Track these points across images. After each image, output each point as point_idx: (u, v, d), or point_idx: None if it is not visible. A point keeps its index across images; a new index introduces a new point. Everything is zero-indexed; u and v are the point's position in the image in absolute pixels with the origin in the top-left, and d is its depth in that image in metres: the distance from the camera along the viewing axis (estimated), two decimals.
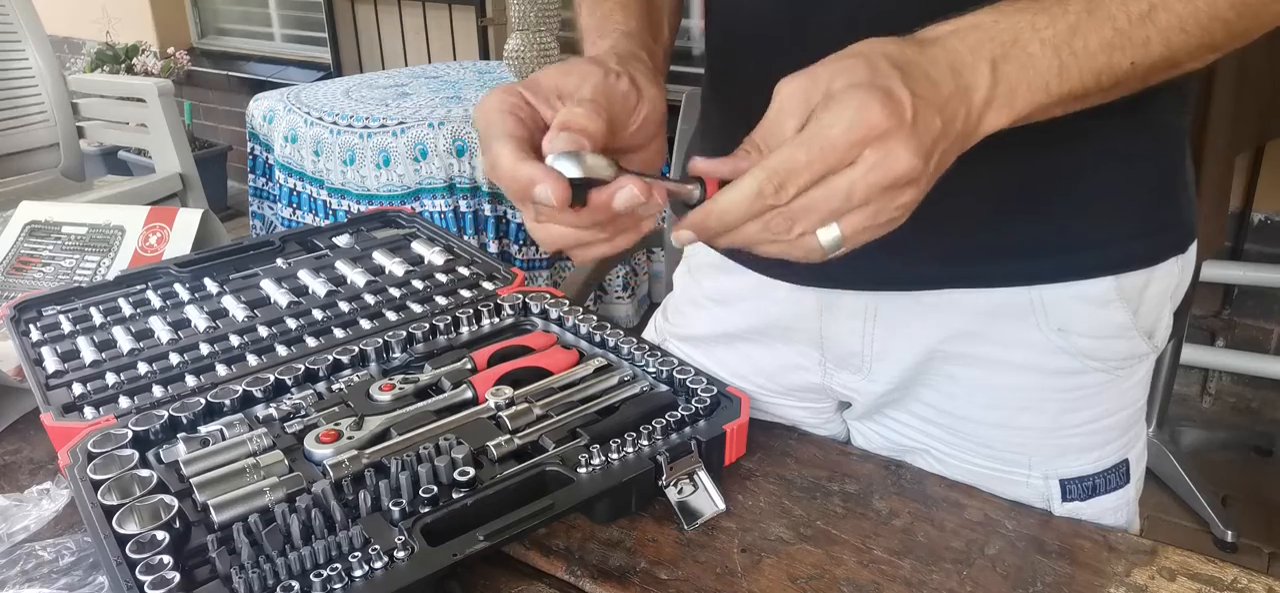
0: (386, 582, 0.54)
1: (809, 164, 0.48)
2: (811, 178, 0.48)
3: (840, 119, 0.47)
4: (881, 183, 0.48)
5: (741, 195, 0.50)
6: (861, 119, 0.47)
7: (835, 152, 0.48)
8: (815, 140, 0.48)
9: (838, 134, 0.48)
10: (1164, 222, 0.72)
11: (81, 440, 0.67)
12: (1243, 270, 2.48)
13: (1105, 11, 0.52)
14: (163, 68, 4.43)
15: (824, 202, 0.49)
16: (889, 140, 0.47)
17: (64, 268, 1.10)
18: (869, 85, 0.48)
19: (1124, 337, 0.72)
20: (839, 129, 0.47)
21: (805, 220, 0.50)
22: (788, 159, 0.48)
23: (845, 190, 0.48)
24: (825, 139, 0.48)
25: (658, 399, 0.73)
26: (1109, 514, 0.76)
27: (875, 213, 0.50)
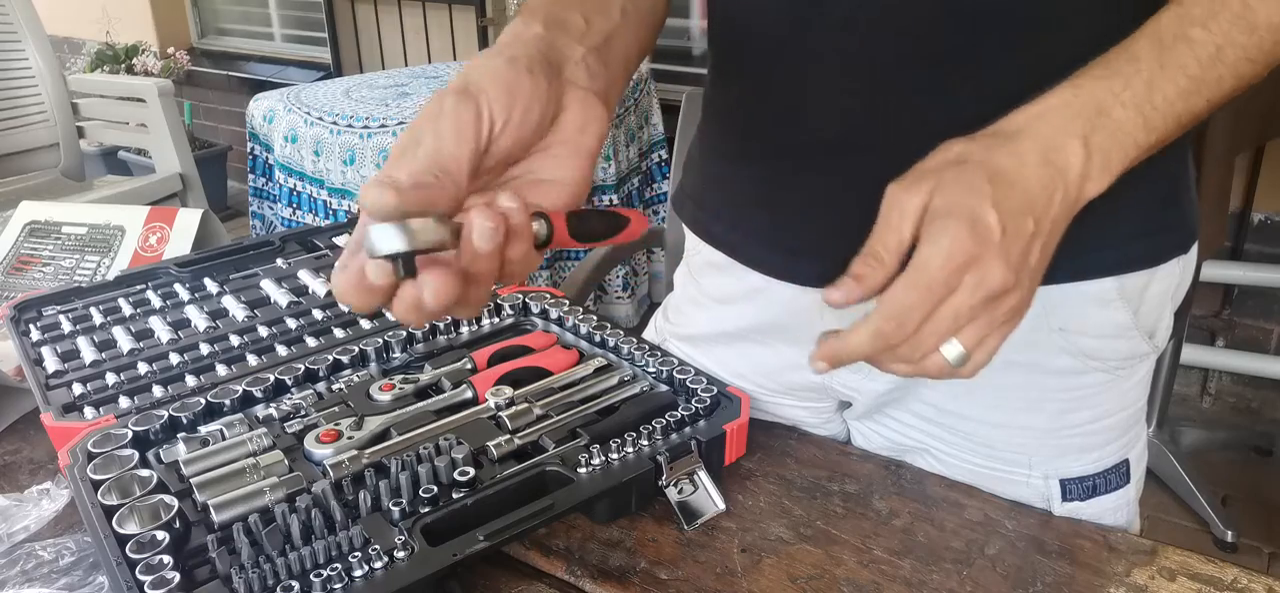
0: (386, 582, 0.54)
1: (919, 303, 0.52)
2: (924, 314, 0.53)
3: (937, 254, 0.52)
4: (982, 300, 0.52)
5: (866, 338, 0.54)
6: (956, 250, 0.51)
7: (939, 285, 0.52)
8: (920, 280, 0.52)
9: (936, 269, 0.52)
10: (1167, 223, 0.72)
11: (81, 441, 0.66)
12: (1243, 270, 2.48)
13: (1176, 62, 0.55)
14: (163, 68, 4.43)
15: (938, 327, 0.53)
16: (982, 263, 0.51)
17: (64, 268, 1.10)
18: (959, 215, 0.52)
19: (1125, 337, 0.72)
20: (938, 262, 0.52)
21: (926, 345, 0.54)
22: (899, 303, 0.53)
23: (953, 314, 0.52)
24: (928, 276, 0.52)
25: (658, 399, 0.73)
26: (1109, 514, 0.76)
27: (987, 323, 0.53)
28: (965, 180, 0.53)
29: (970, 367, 0.55)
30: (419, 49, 4.05)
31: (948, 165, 0.54)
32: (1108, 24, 0.62)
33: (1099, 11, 0.62)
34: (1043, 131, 0.54)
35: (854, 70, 0.67)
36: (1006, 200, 0.52)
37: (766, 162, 0.76)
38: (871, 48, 0.66)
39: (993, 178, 0.52)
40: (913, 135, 0.67)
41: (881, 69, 0.66)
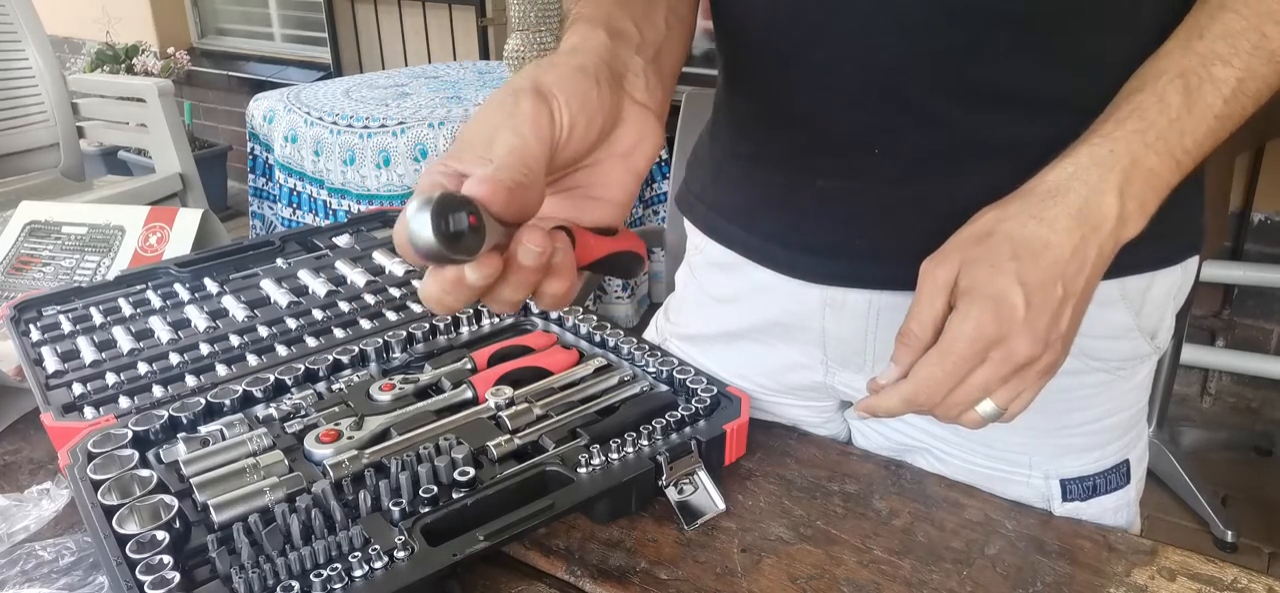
0: (386, 582, 0.54)
1: (945, 378, 0.56)
2: (951, 386, 0.56)
3: (963, 333, 0.55)
4: (1008, 372, 0.55)
5: (897, 403, 0.58)
6: (980, 332, 0.54)
7: (965, 360, 0.55)
8: (946, 358, 0.55)
9: (963, 348, 0.55)
10: (1175, 227, 0.72)
11: (81, 441, 0.66)
12: (1243, 270, 2.48)
13: (1204, 103, 0.56)
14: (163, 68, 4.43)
15: (966, 396, 0.56)
16: (1007, 341, 0.54)
17: (64, 268, 1.10)
18: (984, 296, 0.54)
19: (1126, 337, 0.72)
20: (963, 343, 0.55)
21: (956, 410, 0.57)
22: (927, 377, 0.56)
23: (981, 384, 0.56)
24: (955, 353, 0.55)
25: (658, 399, 0.73)
26: (1109, 515, 0.76)
27: (1017, 385, 0.56)
28: (991, 257, 0.55)
29: (1007, 416, 0.58)
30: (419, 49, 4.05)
31: (976, 240, 0.57)
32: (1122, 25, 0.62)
33: (1112, 13, 0.62)
34: (1078, 191, 0.56)
35: (867, 75, 0.67)
36: (1032, 273, 0.54)
37: (781, 164, 0.76)
38: (884, 53, 0.66)
39: (1018, 252, 0.55)
40: (926, 137, 0.67)
41: (894, 73, 0.66)
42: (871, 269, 0.73)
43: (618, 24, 0.58)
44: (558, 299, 0.49)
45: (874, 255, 0.73)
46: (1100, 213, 0.55)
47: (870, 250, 0.73)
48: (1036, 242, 0.55)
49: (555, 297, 0.49)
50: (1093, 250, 0.55)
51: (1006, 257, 0.55)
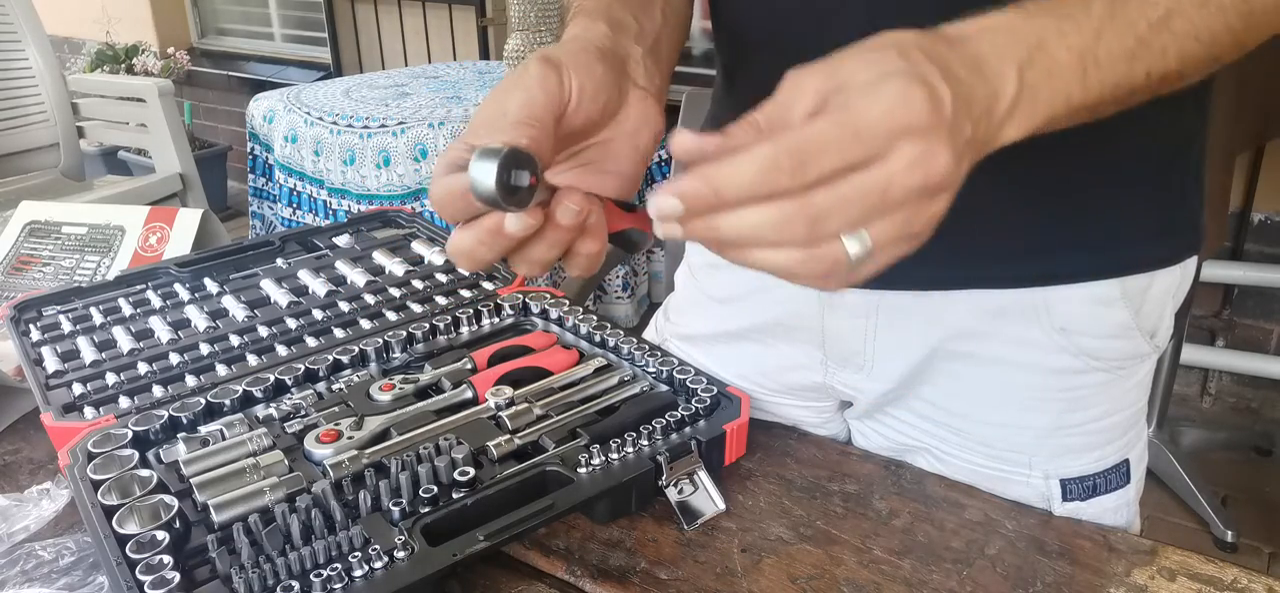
0: (386, 582, 0.54)
1: (838, 144, 0.41)
2: (839, 165, 0.41)
3: (878, 102, 0.42)
4: (920, 184, 0.43)
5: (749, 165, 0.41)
6: (904, 106, 0.42)
7: (872, 137, 0.41)
8: (849, 121, 0.41)
9: (876, 117, 0.41)
10: (1174, 225, 0.72)
11: (81, 441, 0.66)
12: (1243, 270, 2.48)
13: (1126, 17, 0.49)
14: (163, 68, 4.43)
15: (856, 199, 0.42)
16: (929, 136, 0.42)
17: (64, 268, 1.10)
18: (909, 74, 0.43)
19: (1126, 336, 0.72)
20: (877, 112, 0.41)
21: (832, 220, 0.42)
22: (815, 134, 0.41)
23: (882, 186, 0.42)
24: (861, 120, 0.41)
25: (658, 399, 0.73)
26: (1109, 515, 0.76)
27: (907, 221, 0.44)
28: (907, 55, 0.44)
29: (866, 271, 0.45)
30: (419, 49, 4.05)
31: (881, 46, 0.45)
32: None
33: None
34: (983, 49, 0.47)
35: None
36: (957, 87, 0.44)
37: None
38: None
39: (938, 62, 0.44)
40: None
41: None
42: None
43: (617, 15, 0.61)
44: (590, 261, 0.52)
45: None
46: (1001, 84, 0.46)
47: None
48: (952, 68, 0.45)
49: (588, 257, 0.52)
50: (984, 120, 0.46)
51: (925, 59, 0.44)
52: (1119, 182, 0.68)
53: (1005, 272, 0.70)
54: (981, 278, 0.71)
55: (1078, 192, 0.68)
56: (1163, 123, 0.68)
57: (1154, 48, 0.50)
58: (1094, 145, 0.66)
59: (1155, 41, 0.50)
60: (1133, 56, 0.50)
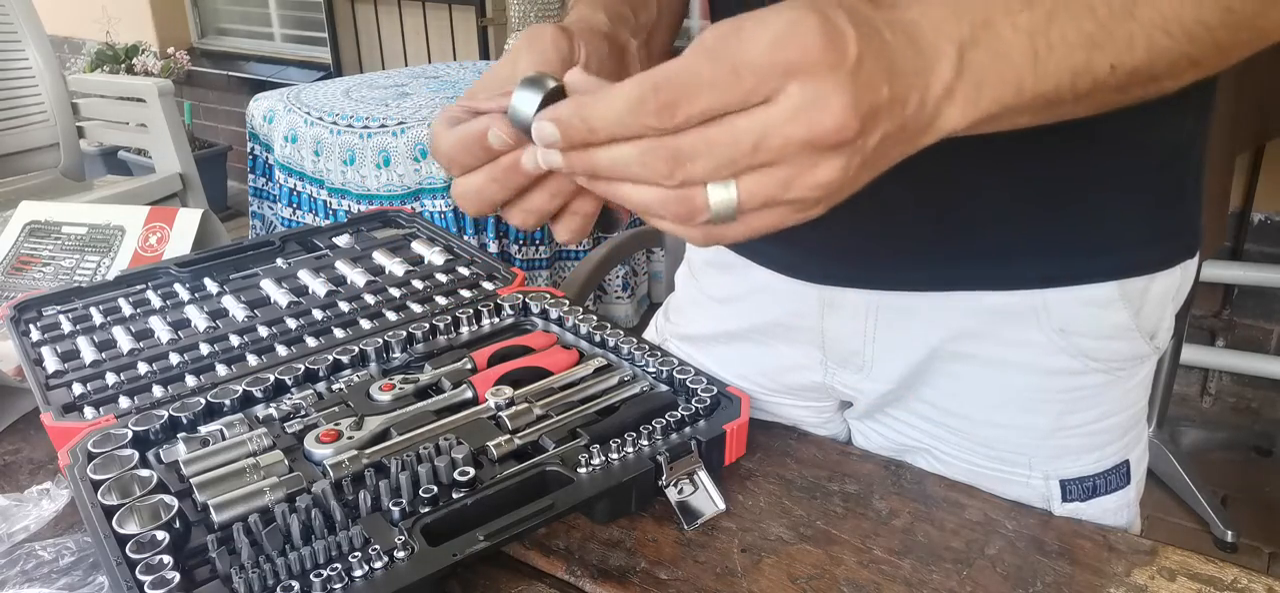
0: (386, 582, 0.54)
1: (712, 83, 0.38)
2: (713, 105, 0.38)
3: (762, 35, 0.37)
4: (803, 136, 0.38)
5: (619, 99, 0.39)
6: (791, 39, 0.37)
7: (751, 73, 0.38)
8: (726, 55, 0.38)
9: (757, 53, 0.37)
10: (1173, 228, 0.72)
11: (81, 441, 0.66)
12: (1243, 270, 2.48)
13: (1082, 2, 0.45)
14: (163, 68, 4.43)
15: (725, 143, 0.39)
16: (822, 78, 0.37)
17: (64, 268, 1.10)
18: (807, 6, 0.38)
19: (1125, 337, 0.72)
20: (759, 46, 0.37)
21: (695, 164, 0.39)
22: (685, 70, 0.38)
23: (756, 132, 0.38)
24: (740, 55, 0.38)
25: (658, 399, 0.73)
26: (1109, 515, 0.76)
27: (786, 182, 0.39)
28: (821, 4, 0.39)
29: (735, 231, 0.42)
30: (419, 49, 4.05)
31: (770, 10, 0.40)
32: None
33: None
34: (917, 19, 0.42)
35: None
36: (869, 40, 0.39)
37: None
38: None
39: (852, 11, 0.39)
40: None
41: None
42: (870, 269, 0.73)
43: (616, 8, 0.62)
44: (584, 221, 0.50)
45: (872, 255, 0.72)
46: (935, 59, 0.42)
47: (869, 250, 0.73)
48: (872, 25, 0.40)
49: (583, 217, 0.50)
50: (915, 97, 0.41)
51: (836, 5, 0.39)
52: (1118, 184, 0.68)
53: (1004, 273, 0.70)
54: (980, 279, 0.71)
55: (1076, 194, 0.68)
56: (1162, 126, 0.68)
57: (1117, 37, 0.46)
58: (1093, 148, 0.66)
59: (1118, 30, 0.46)
60: (1093, 44, 0.45)
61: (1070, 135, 0.58)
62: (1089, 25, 0.45)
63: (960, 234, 0.70)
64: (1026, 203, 0.69)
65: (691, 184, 0.40)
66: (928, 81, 0.42)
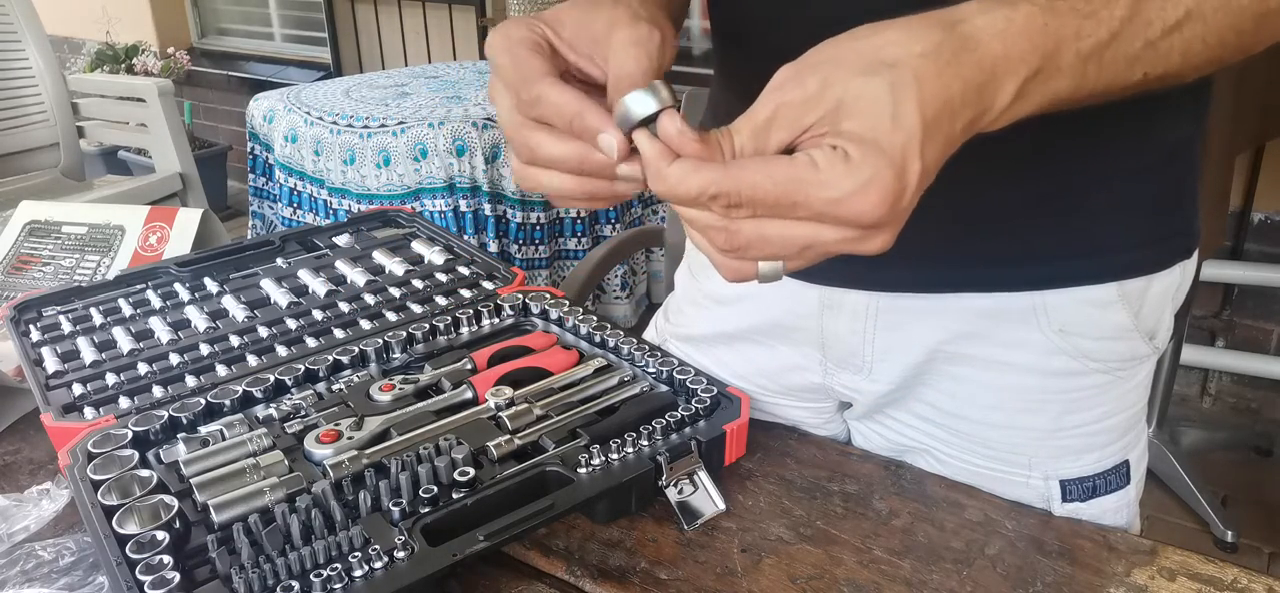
0: (386, 582, 0.54)
1: (776, 204, 0.43)
2: (772, 212, 0.44)
3: (832, 185, 0.42)
4: (847, 251, 0.45)
5: (691, 187, 0.45)
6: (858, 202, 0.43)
7: (810, 210, 0.43)
8: (795, 187, 0.43)
9: (823, 201, 0.43)
10: (1170, 229, 0.72)
11: (81, 441, 0.66)
12: (1243, 270, 2.48)
13: (1145, 17, 0.47)
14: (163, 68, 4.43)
15: (779, 244, 0.45)
16: (876, 233, 0.44)
17: (64, 268, 1.10)
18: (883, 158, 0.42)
19: (1125, 338, 0.72)
20: (827, 196, 0.43)
21: (749, 250, 0.46)
22: (755, 188, 0.43)
23: (805, 243, 0.44)
24: (807, 193, 0.43)
25: (658, 399, 0.73)
26: (1109, 515, 0.76)
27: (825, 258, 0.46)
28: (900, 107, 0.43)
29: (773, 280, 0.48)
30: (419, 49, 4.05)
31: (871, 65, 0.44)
32: None
33: None
34: (996, 52, 0.45)
35: None
36: (931, 149, 0.44)
37: None
38: None
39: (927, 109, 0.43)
40: None
41: None
42: (870, 270, 0.73)
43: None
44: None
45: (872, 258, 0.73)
46: (997, 96, 0.45)
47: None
48: (946, 103, 0.44)
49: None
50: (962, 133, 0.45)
51: (915, 114, 0.43)
52: (1117, 186, 0.68)
53: (1003, 275, 0.70)
54: (979, 281, 0.71)
55: (1075, 196, 0.68)
56: (1160, 127, 0.68)
57: (1160, 50, 0.48)
58: (1092, 150, 0.66)
59: (1163, 45, 0.48)
60: (1136, 60, 0.48)
61: (1070, 139, 0.58)
62: (1140, 45, 0.47)
63: (960, 237, 0.70)
64: (1025, 206, 0.69)
65: (744, 260, 0.46)
66: (981, 120, 0.46)
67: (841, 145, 0.43)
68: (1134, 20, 0.47)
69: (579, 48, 0.56)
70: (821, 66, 0.45)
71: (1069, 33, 0.46)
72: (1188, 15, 0.48)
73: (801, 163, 0.43)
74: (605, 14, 0.55)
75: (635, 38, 0.53)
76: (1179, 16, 0.48)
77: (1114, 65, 0.48)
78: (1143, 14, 0.47)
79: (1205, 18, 0.48)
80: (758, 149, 0.45)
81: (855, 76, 0.44)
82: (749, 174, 0.44)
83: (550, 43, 0.55)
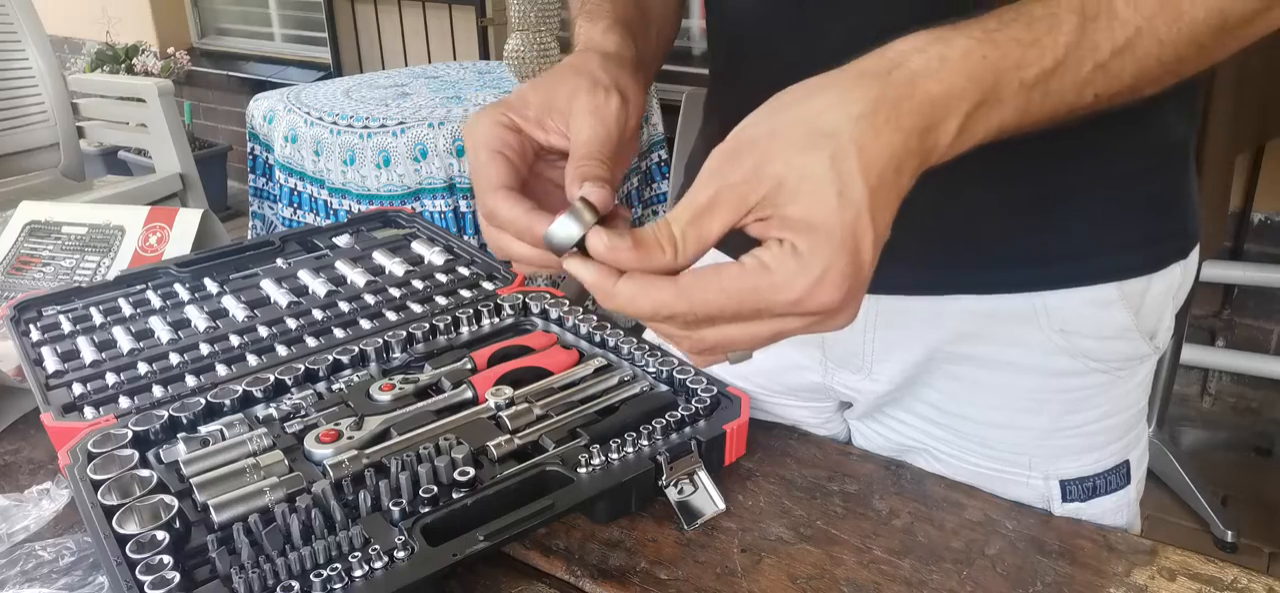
0: (386, 582, 0.54)
1: (737, 315, 0.44)
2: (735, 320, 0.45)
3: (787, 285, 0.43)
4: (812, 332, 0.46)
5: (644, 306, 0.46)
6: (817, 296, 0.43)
7: (771, 312, 0.44)
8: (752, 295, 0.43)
9: (783, 303, 0.43)
10: (1168, 230, 0.72)
11: (81, 440, 0.66)
12: (1243, 270, 2.48)
13: (1090, 42, 0.47)
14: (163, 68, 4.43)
15: (745, 341, 0.46)
16: (838, 315, 0.44)
17: (64, 268, 1.10)
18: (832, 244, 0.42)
19: (1125, 338, 0.72)
20: (785, 298, 0.43)
21: (717, 351, 0.47)
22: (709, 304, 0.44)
23: (770, 335, 0.46)
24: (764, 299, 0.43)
25: (658, 399, 0.73)
26: (1109, 515, 0.76)
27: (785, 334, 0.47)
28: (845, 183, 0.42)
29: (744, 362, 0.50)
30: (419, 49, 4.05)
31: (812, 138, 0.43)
32: None
33: None
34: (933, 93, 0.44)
35: None
36: (882, 211, 0.44)
37: None
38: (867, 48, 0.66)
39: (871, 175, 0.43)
40: None
41: None
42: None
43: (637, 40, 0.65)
44: None
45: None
46: (939, 136, 0.45)
47: None
48: (889, 162, 0.43)
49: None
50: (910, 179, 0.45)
51: (860, 186, 0.42)
52: (1114, 187, 0.68)
53: (1002, 277, 0.71)
54: (980, 283, 0.71)
55: (1073, 198, 0.68)
56: (1155, 129, 0.68)
57: (1111, 71, 0.47)
58: (1089, 151, 0.67)
59: (1114, 65, 0.47)
60: (1086, 84, 0.47)
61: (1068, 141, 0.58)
62: (1088, 68, 0.47)
63: (958, 241, 0.70)
64: (1023, 209, 0.69)
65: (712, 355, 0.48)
66: (925, 157, 0.45)
67: (789, 238, 0.43)
68: (1079, 46, 0.46)
69: (546, 123, 0.58)
70: (758, 143, 0.44)
71: (1010, 63, 0.45)
72: (1138, 32, 0.47)
73: (752, 269, 0.44)
74: (568, 85, 0.57)
75: (593, 106, 0.56)
76: (1128, 35, 0.47)
77: (1062, 92, 0.47)
78: (1089, 38, 0.46)
79: (1157, 35, 0.47)
80: (699, 238, 0.45)
81: (795, 154, 0.43)
82: (701, 292, 0.44)
83: (518, 126, 0.58)
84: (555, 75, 0.59)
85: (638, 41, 0.66)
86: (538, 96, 0.58)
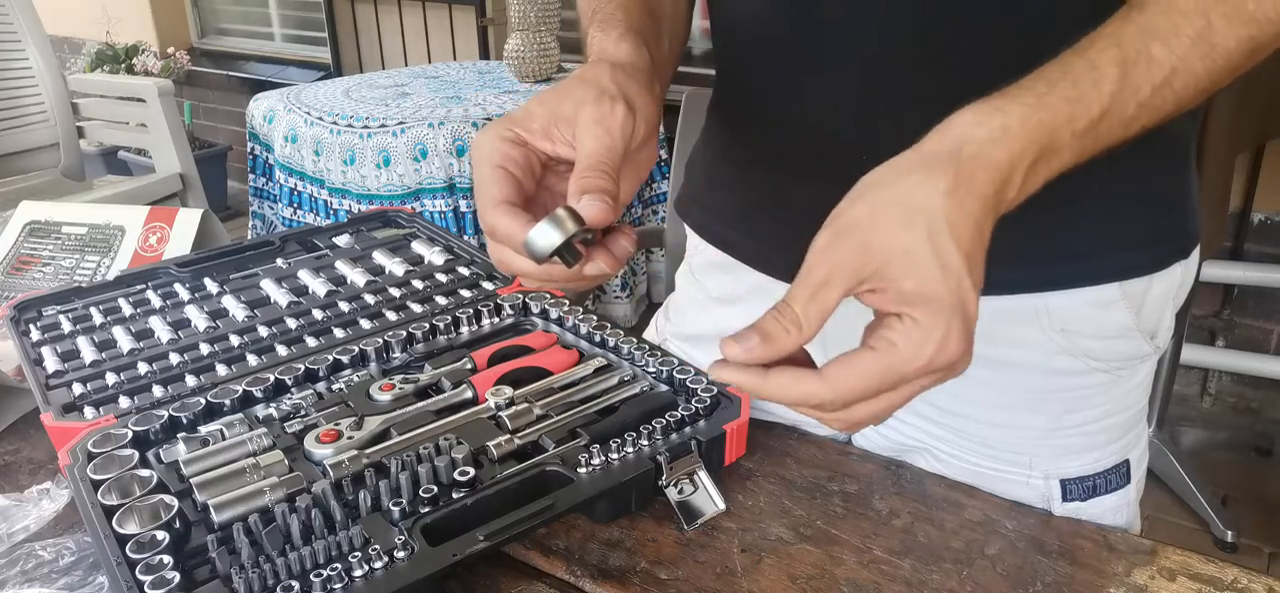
0: (386, 582, 0.54)
1: (879, 391, 0.49)
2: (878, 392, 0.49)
3: (917, 355, 0.48)
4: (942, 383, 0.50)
5: (793, 395, 0.50)
6: (943, 355, 0.48)
7: (907, 378, 0.48)
8: (889, 372, 0.48)
9: (916, 370, 0.48)
10: (1169, 230, 0.72)
11: (81, 441, 0.66)
12: (1243, 270, 2.48)
13: (1132, 85, 0.51)
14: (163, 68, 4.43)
15: (889, 408, 0.50)
16: (960, 364, 0.49)
17: (64, 268, 1.10)
18: (944, 308, 0.47)
19: (1126, 337, 0.72)
20: (917, 365, 0.48)
21: (864, 423, 0.51)
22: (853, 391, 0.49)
23: (907, 396, 0.50)
24: (899, 371, 0.48)
25: (658, 399, 0.73)
26: (1109, 515, 0.76)
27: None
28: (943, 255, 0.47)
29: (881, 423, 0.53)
30: (419, 49, 4.05)
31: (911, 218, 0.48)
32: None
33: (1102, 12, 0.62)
34: (999, 160, 0.49)
35: (856, 74, 0.67)
36: (976, 269, 0.49)
37: (771, 166, 0.76)
38: (873, 52, 0.66)
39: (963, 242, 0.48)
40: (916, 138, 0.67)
41: (884, 73, 0.66)
42: None
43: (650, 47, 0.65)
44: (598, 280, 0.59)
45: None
46: (1007, 191, 0.50)
47: None
48: (975, 227, 0.48)
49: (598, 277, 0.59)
50: (990, 231, 0.50)
51: (957, 255, 0.47)
52: (1116, 188, 0.68)
53: (1002, 279, 0.70)
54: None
55: (1075, 200, 0.68)
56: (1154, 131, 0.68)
57: (1152, 105, 0.52)
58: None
59: (1154, 101, 0.52)
60: (1132, 120, 0.52)
61: None
62: (1133, 107, 0.51)
63: None
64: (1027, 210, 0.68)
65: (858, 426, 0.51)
66: (999, 212, 0.50)
67: (907, 312, 0.48)
68: (1122, 92, 0.51)
69: (553, 134, 0.58)
70: (860, 225, 0.49)
71: (1062, 120, 0.50)
72: (1174, 70, 0.51)
73: (884, 350, 0.48)
74: (574, 95, 0.58)
75: (598, 116, 0.56)
76: (1166, 74, 0.51)
77: (1110, 132, 0.52)
78: (1131, 82, 0.51)
79: (1193, 70, 0.52)
80: (820, 312, 0.49)
81: (897, 231, 0.48)
82: (845, 380, 0.49)
83: (522, 140, 0.58)
84: (563, 86, 0.59)
85: (651, 50, 0.66)
86: (544, 108, 0.58)
